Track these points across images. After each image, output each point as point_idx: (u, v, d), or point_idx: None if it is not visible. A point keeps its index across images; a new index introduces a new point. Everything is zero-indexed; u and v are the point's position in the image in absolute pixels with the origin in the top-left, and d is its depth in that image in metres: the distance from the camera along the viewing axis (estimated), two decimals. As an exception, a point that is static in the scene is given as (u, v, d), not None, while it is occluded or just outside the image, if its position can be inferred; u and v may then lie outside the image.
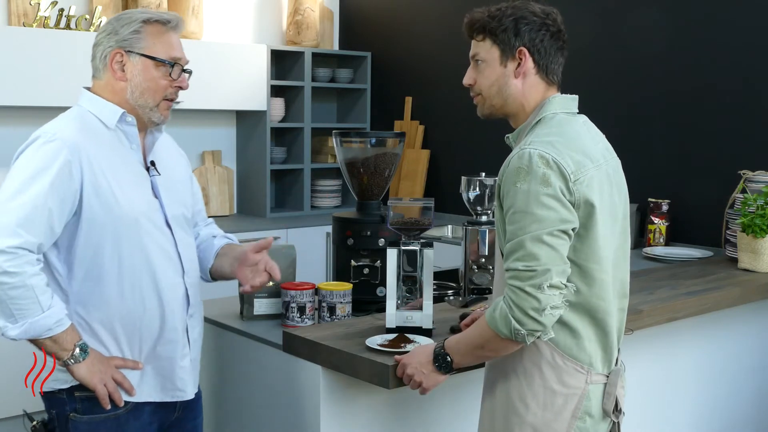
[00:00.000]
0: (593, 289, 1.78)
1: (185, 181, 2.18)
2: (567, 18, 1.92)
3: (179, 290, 2.03)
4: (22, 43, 4.17)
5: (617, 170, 1.89)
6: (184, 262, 2.05)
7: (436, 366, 1.85)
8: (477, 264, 2.66)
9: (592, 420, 1.82)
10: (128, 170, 1.97)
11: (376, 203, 2.77)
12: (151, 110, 2.00)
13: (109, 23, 2.01)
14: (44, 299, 1.81)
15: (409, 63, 5.40)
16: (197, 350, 2.12)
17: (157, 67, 1.98)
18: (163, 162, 2.09)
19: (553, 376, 1.80)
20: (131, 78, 1.97)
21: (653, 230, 3.88)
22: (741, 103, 3.74)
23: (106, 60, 1.98)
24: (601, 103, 4.18)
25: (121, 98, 1.98)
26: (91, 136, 1.94)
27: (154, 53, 1.97)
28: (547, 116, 1.83)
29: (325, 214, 5.29)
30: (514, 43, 1.83)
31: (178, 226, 2.06)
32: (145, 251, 1.95)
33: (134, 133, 2.00)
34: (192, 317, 2.08)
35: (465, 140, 5.04)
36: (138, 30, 1.96)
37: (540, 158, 1.71)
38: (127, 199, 1.93)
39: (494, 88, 1.87)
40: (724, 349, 3.17)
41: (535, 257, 1.67)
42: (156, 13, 2.01)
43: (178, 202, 2.09)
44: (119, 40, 1.96)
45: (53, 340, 1.85)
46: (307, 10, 5.40)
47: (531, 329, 1.69)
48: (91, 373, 1.88)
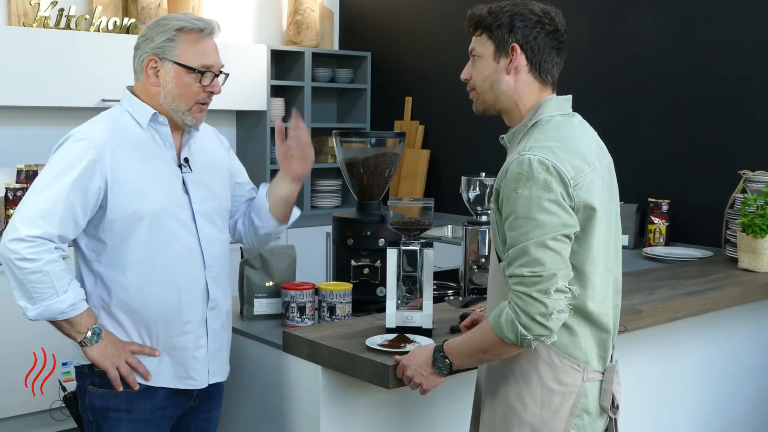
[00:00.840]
0: (588, 290, 1.79)
1: (223, 173, 2.26)
2: (567, 18, 1.91)
3: (199, 284, 2.11)
4: (22, 43, 4.17)
5: (609, 168, 1.90)
6: (207, 257, 2.12)
7: (435, 368, 1.86)
8: (477, 264, 2.66)
9: (589, 417, 1.83)
10: (158, 167, 2.08)
11: (376, 203, 2.77)
12: (183, 114, 2.09)
13: (148, 28, 2.10)
14: (60, 284, 1.94)
15: (409, 63, 5.40)
16: (219, 341, 2.18)
17: (188, 74, 2.07)
18: (200, 157, 2.18)
19: (550, 374, 1.80)
20: (164, 84, 2.07)
21: (653, 230, 3.88)
22: (741, 103, 3.74)
23: (142, 65, 2.08)
24: (601, 103, 4.18)
25: (155, 101, 2.09)
26: (123, 134, 2.06)
27: (186, 61, 2.06)
28: (543, 119, 1.83)
29: (325, 214, 5.29)
30: (508, 39, 1.84)
31: (207, 221, 2.14)
32: (165, 246, 2.05)
33: (167, 132, 2.10)
34: (213, 310, 2.15)
35: (465, 140, 5.04)
36: (172, 38, 2.05)
37: (540, 164, 1.71)
38: (152, 195, 2.04)
39: (487, 84, 1.87)
40: (724, 349, 3.17)
41: (540, 263, 1.68)
42: (191, 21, 2.08)
43: (210, 197, 2.17)
44: (154, 47, 2.06)
45: (69, 322, 1.98)
46: (307, 10, 5.40)
47: (538, 334, 1.69)
48: (102, 356, 2.01)
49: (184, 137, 2.16)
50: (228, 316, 2.22)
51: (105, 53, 4.33)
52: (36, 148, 4.40)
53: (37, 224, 1.92)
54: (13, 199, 4.05)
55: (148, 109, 2.08)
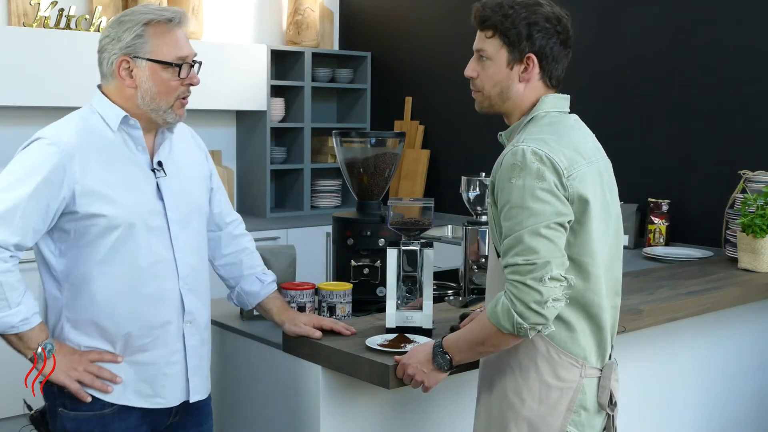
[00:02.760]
0: (587, 283, 1.80)
1: (201, 177, 2.14)
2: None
3: (172, 296, 1.99)
4: (22, 43, 4.17)
5: (608, 170, 1.90)
6: (180, 267, 2.00)
7: (435, 365, 1.86)
8: (477, 264, 2.66)
9: (587, 413, 1.83)
10: (129, 173, 1.95)
11: (376, 203, 2.77)
12: (165, 112, 1.97)
13: (111, 27, 1.96)
14: (13, 296, 1.82)
15: (409, 63, 5.40)
16: (198, 357, 2.06)
17: (165, 69, 1.94)
18: (175, 160, 2.05)
19: (548, 370, 1.81)
20: (140, 84, 1.94)
21: (653, 230, 3.87)
22: (741, 103, 3.74)
23: (112, 67, 1.95)
24: (601, 103, 4.18)
25: (131, 104, 1.96)
26: (93, 138, 1.93)
27: (161, 56, 1.93)
28: (539, 114, 1.84)
29: (325, 214, 5.29)
30: (525, 48, 1.81)
31: (183, 229, 2.01)
32: (134, 256, 1.92)
33: (139, 135, 1.98)
34: (191, 323, 2.03)
35: (465, 140, 5.03)
36: (141, 34, 1.92)
37: (533, 154, 1.72)
38: (122, 202, 1.91)
39: (497, 89, 1.86)
40: (724, 349, 3.17)
41: (535, 251, 1.68)
42: (157, 12, 1.94)
43: (186, 202, 2.04)
44: (123, 46, 1.93)
45: (18, 337, 1.86)
46: (307, 10, 5.40)
47: (534, 323, 1.69)
48: (57, 371, 1.89)
49: (157, 138, 2.02)
50: (207, 329, 2.11)
51: (105, 53, 4.33)
52: (36, 148, 4.42)
53: None
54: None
55: (118, 112, 1.94)
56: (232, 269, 2.25)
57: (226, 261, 2.25)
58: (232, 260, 2.25)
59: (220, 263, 2.26)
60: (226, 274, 2.26)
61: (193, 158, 2.13)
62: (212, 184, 2.21)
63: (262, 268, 2.28)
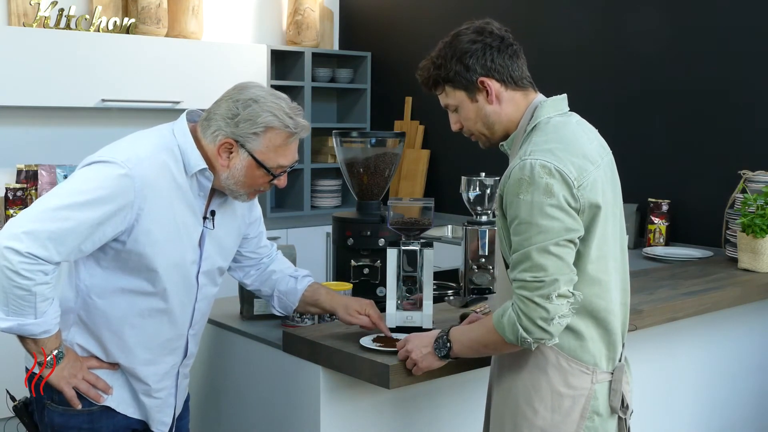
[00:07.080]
0: (594, 289, 1.79)
1: (238, 231, 2.15)
2: (567, 18, 1.92)
3: (180, 342, 2.07)
4: (22, 43, 4.17)
5: (611, 165, 1.90)
6: (195, 315, 2.07)
7: (434, 348, 1.87)
8: (477, 264, 2.66)
9: (600, 419, 1.83)
10: (183, 218, 1.95)
11: (376, 203, 2.77)
12: (239, 195, 1.99)
13: (236, 105, 1.91)
14: (41, 307, 1.83)
15: (409, 63, 5.38)
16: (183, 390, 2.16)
17: (259, 168, 1.93)
18: (226, 210, 2.07)
19: (559, 378, 1.81)
20: (232, 168, 1.93)
21: (653, 230, 3.87)
22: (741, 103, 3.74)
23: (216, 140, 1.92)
24: (601, 103, 4.18)
25: (215, 172, 1.95)
26: (166, 176, 1.90)
27: (264, 159, 1.92)
28: (542, 121, 1.83)
29: (325, 214, 5.29)
30: (472, 78, 1.85)
31: (208, 280, 2.07)
32: (158, 299, 1.97)
33: (207, 186, 1.97)
34: (186, 366, 2.13)
35: (465, 140, 4.97)
36: (258, 133, 1.90)
37: (542, 168, 1.71)
38: (166, 248, 1.92)
39: (479, 123, 1.91)
40: (724, 349, 3.17)
41: (543, 268, 1.68)
42: (283, 118, 1.91)
43: (219, 254, 2.08)
44: (235, 132, 1.90)
45: (35, 341, 1.89)
46: (307, 10, 5.40)
47: (538, 338, 1.71)
48: (57, 377, 1.92)
49: (218, 191, 2.03)
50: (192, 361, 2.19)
51: (105, 53, 4.32)
52: (36, 148, 4.40)
53: (43, 245, 1.77)
54: (12, 199, 4.05)
55: (199, 161, 1.92)
56: (265, 282, 2.29)
57: (257, 278, 2.29)
58: (264, 278, 2.29)
59: (250, 281, 2.29)
60: (259, 287, 2.30)
61: (240, 211, 2.15)
62: (258, 230, 2.26)
63: (293, 268, 2.32)
